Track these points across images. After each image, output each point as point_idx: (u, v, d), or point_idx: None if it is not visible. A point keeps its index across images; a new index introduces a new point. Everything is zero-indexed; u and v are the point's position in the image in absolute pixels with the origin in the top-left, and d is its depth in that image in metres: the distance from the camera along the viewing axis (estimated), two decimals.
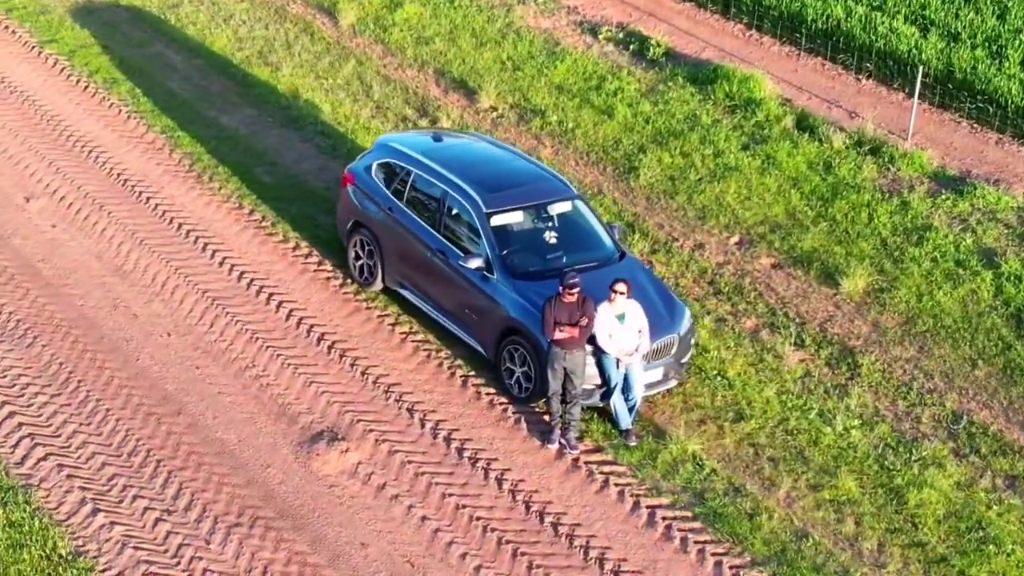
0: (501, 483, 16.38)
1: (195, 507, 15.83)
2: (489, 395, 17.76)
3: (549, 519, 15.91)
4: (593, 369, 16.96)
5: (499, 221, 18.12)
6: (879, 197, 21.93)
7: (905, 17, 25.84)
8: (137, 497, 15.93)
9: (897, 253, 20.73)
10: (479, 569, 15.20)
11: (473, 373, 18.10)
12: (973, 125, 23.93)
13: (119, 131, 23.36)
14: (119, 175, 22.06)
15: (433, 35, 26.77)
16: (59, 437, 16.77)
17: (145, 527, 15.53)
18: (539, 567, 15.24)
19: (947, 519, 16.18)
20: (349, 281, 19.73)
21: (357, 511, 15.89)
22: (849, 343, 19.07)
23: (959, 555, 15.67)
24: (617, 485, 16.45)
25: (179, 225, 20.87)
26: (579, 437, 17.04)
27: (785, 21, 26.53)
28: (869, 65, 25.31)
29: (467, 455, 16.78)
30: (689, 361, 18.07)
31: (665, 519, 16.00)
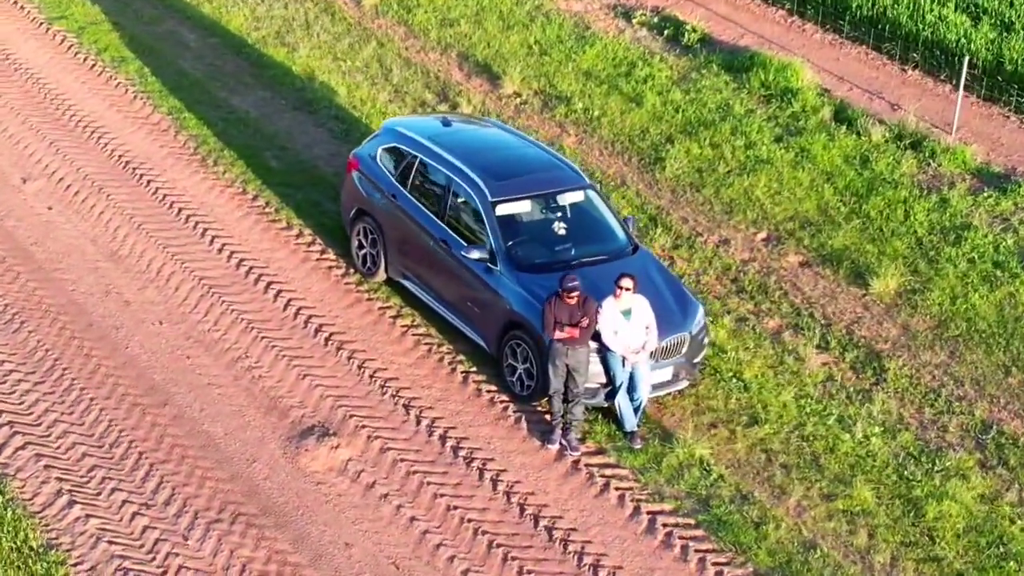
0: (496, 484, 16.37)
1: (175, 501, 15.92)
2: (490, 392, 17.76)
3: (544, 523, 15.88)
4: (598, 367, 16.92)
5: (505, 210, 18.11)
6: (917, 194, 21.76)
7: (955, 5, 25.62)
8: (116, 490, 16.03)
9: (932, 253, 20.56)
10: (467, 573, 15.19)
11: (475, 369, 18.11)
12: (1023, 120, 23.68)
13: (124, 111, 23.54)
14: (120, 157, 22.23)
15: (459, 17, 26.81)
16: (39, 426, 16.91)
17: (122, 521, 15.63)
18: (530, 572, 15.21)
19: (967, 533, 16.02)
20: (352, 271, 19.79)
21: (343, 510, 15.93)
22: (876, 346, 18.93)
23: (977, 571, 15.52)
24: (618, 489, 16.40)
25: (179, 210, 21.00)
26: (581, 438, 17.01)
27: (829, 7, 26.39)
28: (915, 55, 25.12)
29: (462, 454, 16.78)
30: (702, 361, 17.99)
31: (666, 526, 15.94)
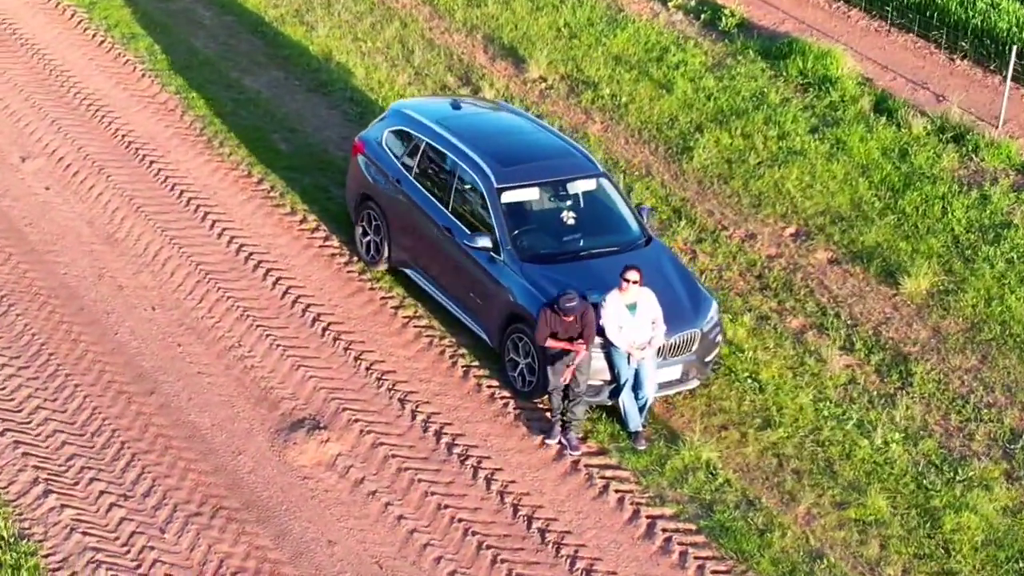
0: (490, 483, 16.45)
1: (155, 493, 16.09)
2: (491, 388, 17.85)
3: (537, 524, 15.94)
4: (601, 363, 16.95)
5: (511, 198, 18.18)
6: (956, 189, 21.66)
7: None
8: (94, 480, 16.22)
9: (969, 252, 20.47)
10: (453, 574, 15.27)
11: (476, 364, 18.19)
12: None
13: (131, 90, 23.78)
14: (124, 137, 22.46)
15: None
16: (20, 412, 17.13)
17: (98, 512, 15.81)
18: None
19: (985, 547, 15.95)
20: (355, 259, 19.91)
21: (329, 506, 16.05)
22: (904, 349, 18.87)
23: None
24: (618, 491, 16.44)
25: (180, 192, 21.21)
26: (582, 437, 17.06)
27: None
28: (964, 44, 24.98)
29: (457, 451, 16.87)
30: (715, 360, 17.99)
31: (665, 531, 15.96)
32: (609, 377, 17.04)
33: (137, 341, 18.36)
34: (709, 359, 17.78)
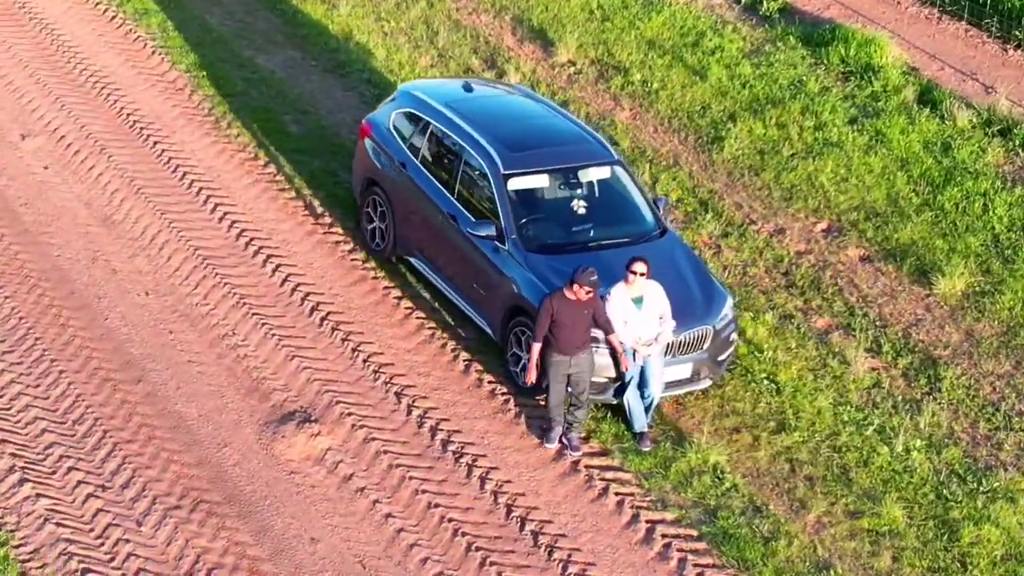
0: (484, 483, 16.47)
1: (134, 485, 16.21)
2: (491, 384, 17.87)
3: (531, 526, 15.95)
4: (606, 359, 16.93)
5: (518, 184, 18.20)
6: (999, 186, 21.50)
7: None
8: (72, 469, 16.36)
9: (1009, 251, 20.31)
10: None
11: (478, 358, 18.23)
12: None
13: (139, 67, 23.97)
14: (128, 116, 22.65)
15: None
16: (1, 398, 17.29)
17: (74, 502, 15.95)
18: None
19: (1004, 561, 15.83)
20: (359, 247, 19.98)
21: (314, 502, 16.12)
22: (934, 352, 18.74)
23: None
24: (618, 494, 16.42)
25: (183, 174, 21.36)
26: (584, 437, 17.05)
27: None
28: (1018, 33, 24.78)
29: (452, 448, 16.90)
30: (730, 359, 17.93)
31: (665, 536, 15.93)
32: (614, 374, 17.02)
33: (128, 327, 18.50)
34: (722, 358, 17.72)
